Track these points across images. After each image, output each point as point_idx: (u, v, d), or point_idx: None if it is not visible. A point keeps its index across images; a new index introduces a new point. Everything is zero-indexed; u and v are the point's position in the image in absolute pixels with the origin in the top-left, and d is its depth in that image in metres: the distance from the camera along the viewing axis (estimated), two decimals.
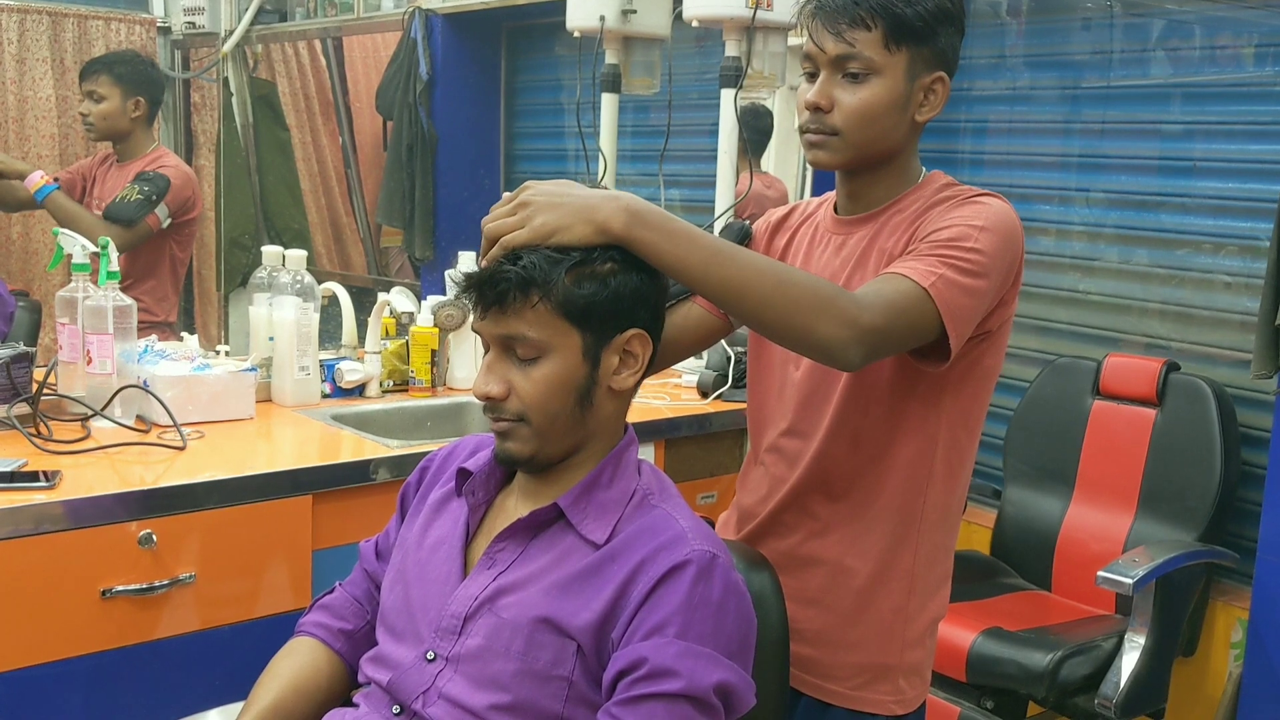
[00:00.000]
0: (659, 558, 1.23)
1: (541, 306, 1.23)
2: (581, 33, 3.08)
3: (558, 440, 1.29)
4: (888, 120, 1.47)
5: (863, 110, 1.46)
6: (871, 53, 1.44)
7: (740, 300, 1.31)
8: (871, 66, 1.45)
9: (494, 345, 1.28)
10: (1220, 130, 2.74)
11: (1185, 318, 2.81)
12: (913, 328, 1.37)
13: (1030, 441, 2.89)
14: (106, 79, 3.42)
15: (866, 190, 1.55)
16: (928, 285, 1.36)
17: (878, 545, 1.53)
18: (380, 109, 4.32)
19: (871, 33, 1.44)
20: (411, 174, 4.18)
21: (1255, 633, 2.42)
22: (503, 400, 1.27)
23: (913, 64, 1.46)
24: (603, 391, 1.29)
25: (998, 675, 2.40)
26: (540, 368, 1.26)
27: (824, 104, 1.47)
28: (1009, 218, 1.46)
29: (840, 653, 1.55)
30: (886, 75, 1.45)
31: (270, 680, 1.41)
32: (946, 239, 1.40)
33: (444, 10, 4.14)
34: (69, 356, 2.30)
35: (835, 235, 1.57)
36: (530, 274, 1.22)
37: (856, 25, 1.44)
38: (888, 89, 1.46)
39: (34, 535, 1.81)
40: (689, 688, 1.17)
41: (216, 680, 1.98)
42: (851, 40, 1.44)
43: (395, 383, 2.80)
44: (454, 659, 1.28)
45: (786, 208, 1.71)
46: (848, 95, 1.46)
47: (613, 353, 1.28)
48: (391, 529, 1.50)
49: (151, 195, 3.33)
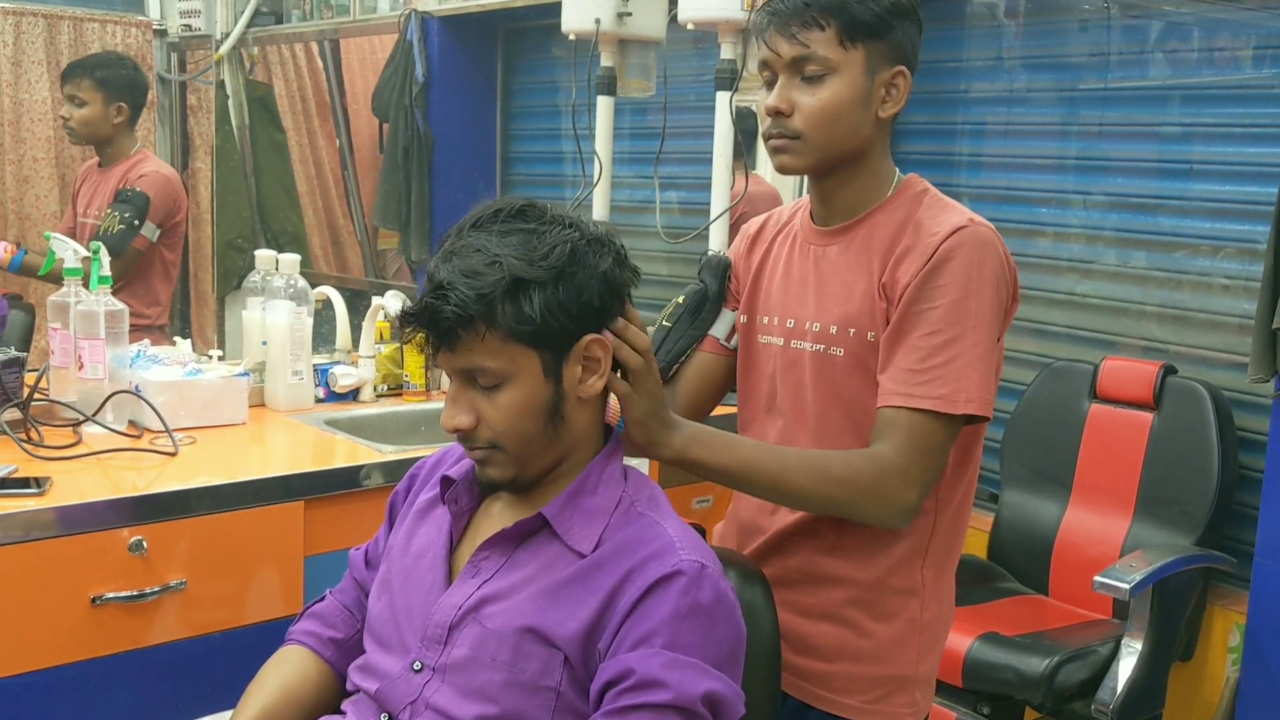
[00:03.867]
0: (647, 567, 1.22)
1: (490, 336, 1.21)
2: (577, 35, 3.07)
3: (536, 459, 1.29)
4: (850, 119, 1.46)
5: (823, 110, 1.45)
6: (827, 52, 1.43)
7: (794, 506, 1.47)
8: (828, 66, 1.44)
9: (455, 377, 1.27)
10: (1218, 133, 2.73)
11: (1183, 321, 2.80)
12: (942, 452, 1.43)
13: (1027, 445, 2.88)
14: (88, 83, 3.36)
15: (839, 194, 1.53)
16: (959, 411, 1.39)
17: (889, 559, 1.51)
18: (376, 111, 4.31)
19: (825, 32, 1.43)
20: (408, 176, 4.17)
21: (1253, 637, 2.41)
22: (472, 430, 1.26)
23: (870, 60, 1.45)
24: (572, 403, 1.28)
25: (994, 681, 2.39)
26: (505, 394, 1.24)
27: (784, 108, 1.46)
28: (996, 258, 1.44)
29: (857, 666, 1.53)
30: (844, 73, 1.44)
31: (259, 688, 1.41)
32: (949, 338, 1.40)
33: (440, 12, 4.13)
34: (61, 361, 2.29)
35: (815, 246, 1.56)
36: (468, 310, 1.20)
37: (810, 26, 1.43)
38: (847, 87, 1.45)
39: (24, 542, 1.80)
40: (677, 698, 1.16)
41: (207, 687, 1.97)
42: (806, 41, 1.43)
43: (389, 387, 2.79)
44: (441, 669, 1.27)
45: (760, 220, 1.69)
46: (807, 97, 1.45)
47: (574, 363, 1.27)
48: (381, 537, 1.50)
49: (133, 220, 3.26)
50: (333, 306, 2.82)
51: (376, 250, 4.82)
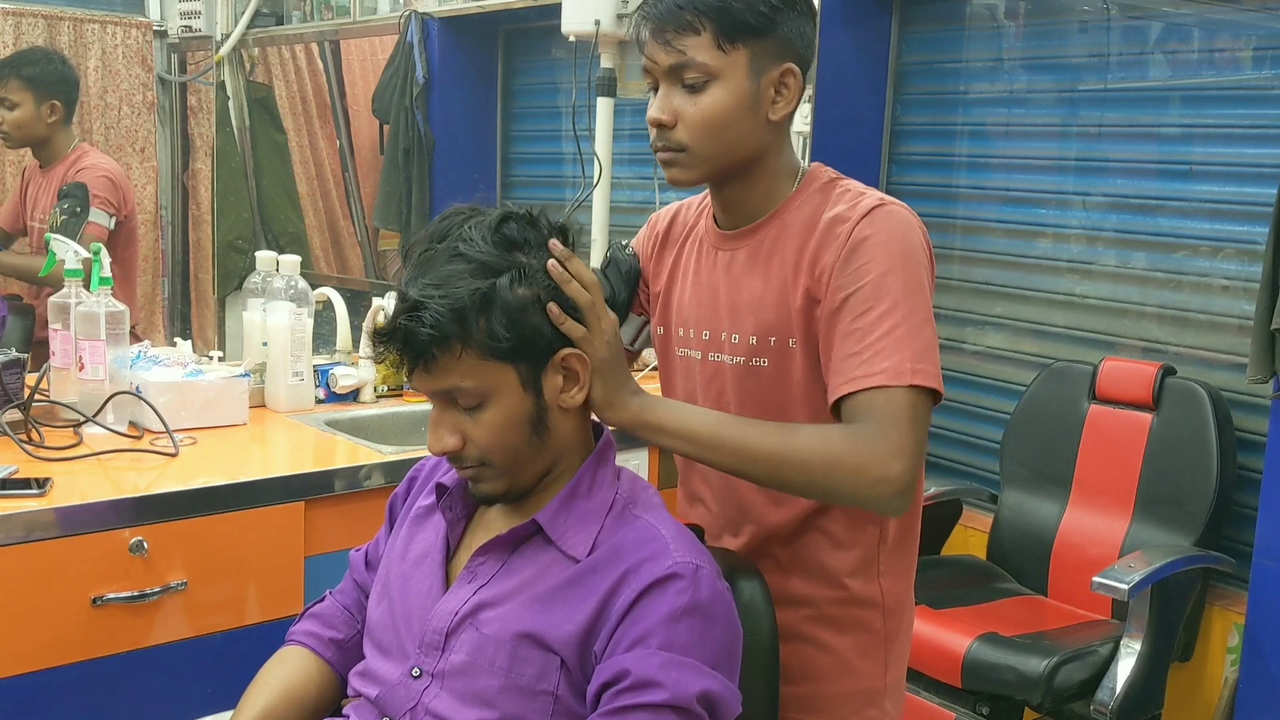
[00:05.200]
0: (642, 569, 1.22)
1: (466, 355, 1.21)
2: (577, 37, 3.08)
3: (526, 471, 1.29)
4: (739, 126, 1.36)
5: (707, 121, 1.35)
6: (705, 57, 1.34)
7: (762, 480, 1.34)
8: (708, 72, 1.34)
9: (435, 400, 1.27)
10: (1218, 134, 2.73)
11: (1182, 321, 2.80)
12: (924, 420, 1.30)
13: (1027, 446, 2.88)
14: (16, 83, 3.21)
15: (740, 201, 1.45)
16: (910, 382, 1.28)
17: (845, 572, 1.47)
18: (377, 112, 4.31)
19: (702, 36, 1.33)
20: (408, 177, 4.17)
21: (1251, 638, 2.42)
22: (460, 450, 1.26)
23: (755, 60, 1.35)
24: (555, 414, 1.28)
25: (993, 681, 2.40)
26: (486, 412, 1.24)
27: (666, 119, 1.37)
28: (914, 233, 1.36)
29: (824, 685, 1.49)
30: (727, 79, 1.35)
31: (260, 689, 1.41)
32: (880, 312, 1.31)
33: (440, 14, 4.13)
34: (61, 362, 2.29)
35: (721, 251, 1.48)
36: (443, 329, 1.19)
37: (685, 31, 1.34)
38: (730, 93, 1.35)
39: (25, 543, 1.80)
40: (673, 698, 1.17)
41: (207, 688, 1.97)
42: (681, 48, 1.34)
43: (390, 388, 2.79)
44: (439, 675, 1.27)
45: (669, 216, 1.60)
46: (690, 107, 1.36)
47: (553, 374, 1.27)
48: (381, 538, 1.50)
49: (75, 208, 3.16)
50: (333, 307, 2.82)
51: (377, 251, 4.82)
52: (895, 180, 3.33)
